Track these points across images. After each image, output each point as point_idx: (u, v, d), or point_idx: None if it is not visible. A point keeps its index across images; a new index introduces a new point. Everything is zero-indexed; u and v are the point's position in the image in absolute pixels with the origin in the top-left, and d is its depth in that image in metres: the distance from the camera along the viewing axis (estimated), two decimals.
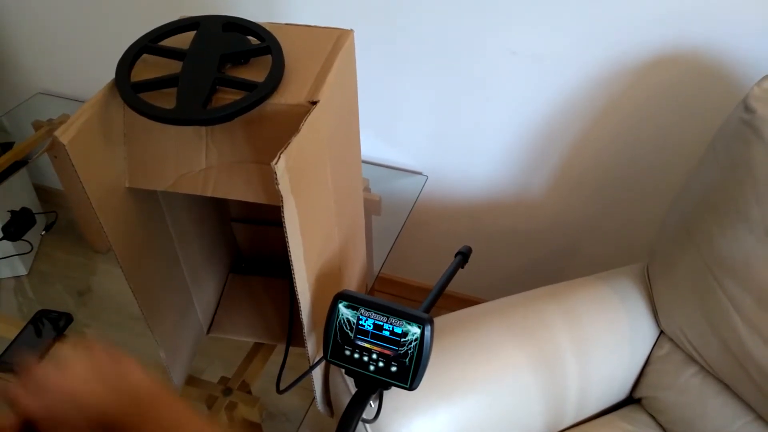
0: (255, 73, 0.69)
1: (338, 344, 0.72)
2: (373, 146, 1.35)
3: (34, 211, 1.52)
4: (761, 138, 0.77)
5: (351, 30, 0.78)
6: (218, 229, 1.06)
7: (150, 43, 0.71)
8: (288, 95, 0.68)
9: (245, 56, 0.72)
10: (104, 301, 1.49)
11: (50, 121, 1.49)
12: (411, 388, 0.70)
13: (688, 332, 0.92)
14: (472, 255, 0.99)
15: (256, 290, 1.10)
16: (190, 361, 1.00)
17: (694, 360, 0.94)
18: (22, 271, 1.55)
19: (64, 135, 0.62)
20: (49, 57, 1.54)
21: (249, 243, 1.14)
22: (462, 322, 0.95)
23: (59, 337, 1.18)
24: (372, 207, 1.24)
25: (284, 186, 0.60)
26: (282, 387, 0.85)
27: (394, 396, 0.79)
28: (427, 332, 0.68)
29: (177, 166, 0.72)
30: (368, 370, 0.71)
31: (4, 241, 1.45)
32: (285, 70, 0.69)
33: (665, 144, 1.12)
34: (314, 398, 0.94)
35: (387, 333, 0.70)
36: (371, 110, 1.26)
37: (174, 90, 0.66)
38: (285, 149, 0.59)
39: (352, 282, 1.00)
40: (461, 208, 1.39)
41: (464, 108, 1.21)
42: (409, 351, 0.69)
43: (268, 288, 1.10)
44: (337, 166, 0.79)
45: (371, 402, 0.75)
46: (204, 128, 0.70)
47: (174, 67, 0.69)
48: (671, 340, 0.97)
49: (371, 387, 0.73)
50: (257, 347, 1.05)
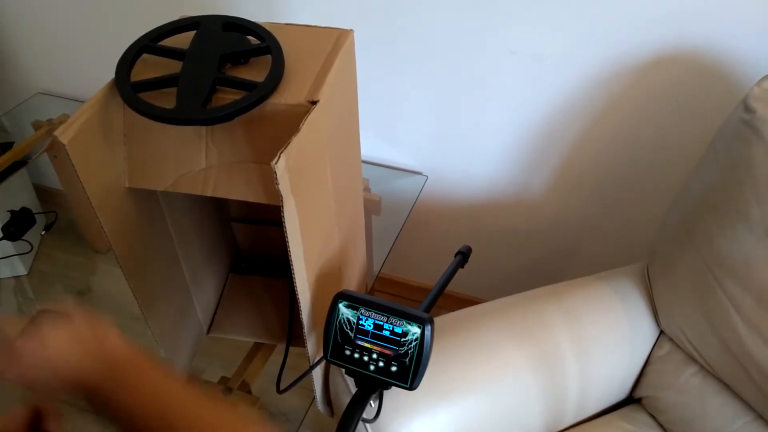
0: (255, 73, 0.69)
1: (338, 344, 0.72)
2: (373, 146, 1.35)
3: (34, 211, 1.52)
4: (761, 138, 0.77)
5: (351, 30, 0.78)
6: (218, 229, 1.06)
7: (150, 43, 0.71)
8: (288, 95, 0.68)
9: (245, 56, 0.72)
10: (104, 301, 1.49)
11: (50, 121, 1.49)
12: (411, 388, 0.70)
13: (688, 332, 0.92)
14: (472, 255, 0.99)
15: (256, 290, 1.10)
16: (190, 361, 1.00)
17: (694, 360, 0.94)
18: (22, 271, 1.55)
19: (64, 135, 0.63)
20: (49, 57, 1.54)
21: (249, 243, 1.14)
22: (462, 322, 0.95)
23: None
24: (372, 207, 1.24)
25: (284, 186, 0.60)
26: (282, 387, 0.85)
27: (395, 396, 0.79)
28: (428, 332, 0.68)
29: (177, 166, 0.72)
30: (368, 370, 0.71)
31: (4, 241, 1.45)
32: (285, 70, 0.69)
33: (665, 144, 1.12)
34: (314, 398, 0.94)
35: (387, 333, 0.70)
36: (371, 110, 1.26)
37: (174, 90, 0.66)
38: (285, 149, 0.59)
39: (352, 282, 1.00)
40: (461, 208, 1.39)
41: (464, 108, 1.21)
42: (410, 351, 0.69)
43: (268, 288, 1.10)
44: (337, 166, 0.79)
45: (371, 402, 0.75)
46: (204, 128, 0.70)
47: (174, 67, 0.69)
48: (671, 340, 0.97)
49: (371, 387, 0.73)
50: (257, 347, 1.05)
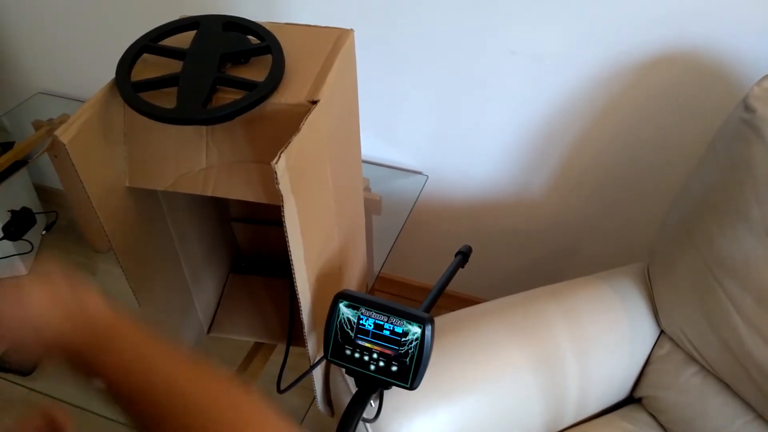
0: (255, 73, 0.69)
1: (339, 344, 0.72)
2: (373, 146, 1.35)
3: (35, 211, 1.52)
4: (761, 138, 0.77)
5: (351, 30, 0.78)
6: (218, 229, 1.06)
7: (150, 43, 0.71)
8: (288, 95, 0.68)
9: (245, 56, 0.72)
10: None
11: (50, 121, 1.49)
12: (411, 388, 0.70)
13: (689, 332, 0.92)
14: (472, 255, 0.99)
15: (256, 290, 1.10)
16: None
17: (695, 359, 0.94)
18: (23, 271, 1.55)
19: (65, 134, 0.63)
20: (49, 57, 1.54)
21: (249, 243, 1.14)
22: (462, 322, 0.95)
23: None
24: (372, 207, 1.24)
25: (284, 185, 0.60)
26: (282, 387, 0.85)
27: (395, 395, 0.79)
28: (428, 332, 0.68)
29: (177, 166, 0.72)
30: (369, 370, 0.71)
31: (5, 241, 1.45)
32: (285, 70, 0.69)
33: (665, 144, 1.12)
34: (314, 398, 0.94)
35: (387, 332, 0.70)
36: (371, 110, 1.26)
37: (174, 89, 0.66)
38: (285, 148, 0.59)
39: (353, 281, 1.00)
40: (461, 208, 1.39)
41: (464, 108, 1.21)
42: (410, 350, 0.69)
43: (268, 288, 1.10)
44: (337, 166, 0.79)
45: (372, 401, 0.75)
46: (204, 128, 0.70)
47: (174, 67, 0.69)
48: (671, 340, 0.97)
49: (372, 386, 0.73)
50: (257, 347, 1.05)
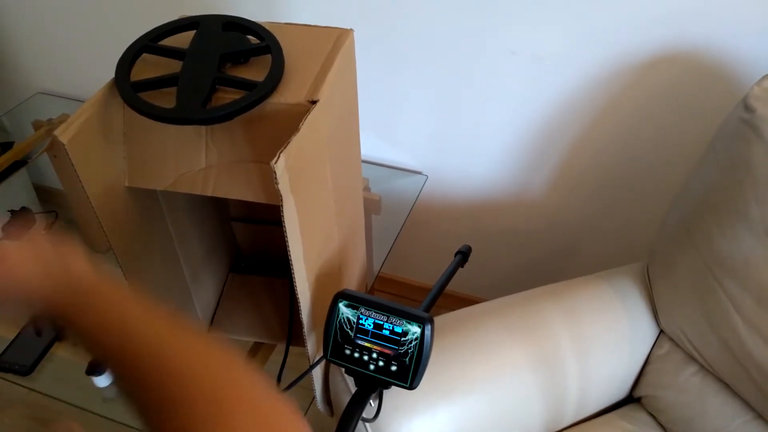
0: (255, 73, 0.69)
1: (338, 343, 0.72)
2: (373, 146, 1.35)
3: (34, 211, 1.52)
4: (761, 137, 0.77)
5: (351, 30, 0.78)
6: (218, 229, 1.06)
7: (150, 43, 0.71)
8: (288, 94, 0.68)
9: (245, 55, 0.72)
10: None
11: (50, 121, 1.49)
12: (411, 388, 0.70)
13: (688, 332, 0.92)
14: (472, 255, 0.99)
15: (256, 290, 1.10)
16: None
17: (694, 359, 0.94)
18: None
19: (64, 134, 0.63)
20: (49, 57, 1.54)
21: (249, 243, 1.14)
22: (462, 322, 0.95)
23: (59, 337, 1.17)
24: (372, 206, 1.24)
25: (284, 185, 0.60)
26: (282, 386, 0.85)
27: (394, 395, 0.79)
28: (428, 331, 0.68)
29: (177, 166, 0.72)
30: (368, 370, 0.71)
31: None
32: (285, 70, 0.69)
33: (665, 144, 1.12)
34: (314, 397, 0.94)
35: (387, 332, 0.70)
36: (371, 110, 1.26)
37: (174, 89, 0.66)
38: (285, 148, 0.59)
39: (352, 281, 1.00)
40: (461, 208, 1.39)
41: (464, 108, 1.21)
42: (410, 350, 0.69)
43: (268, 288, 1.10)
44: (337, 166, 0.79)
45: (371, 401, 0.75)
46: (204, 127, 0.70)
47: (174, 67, 0.69)
48: (671, 340, 0.97)
49: (371, 386, 0.73)
50: (257, 347, 1.05)
